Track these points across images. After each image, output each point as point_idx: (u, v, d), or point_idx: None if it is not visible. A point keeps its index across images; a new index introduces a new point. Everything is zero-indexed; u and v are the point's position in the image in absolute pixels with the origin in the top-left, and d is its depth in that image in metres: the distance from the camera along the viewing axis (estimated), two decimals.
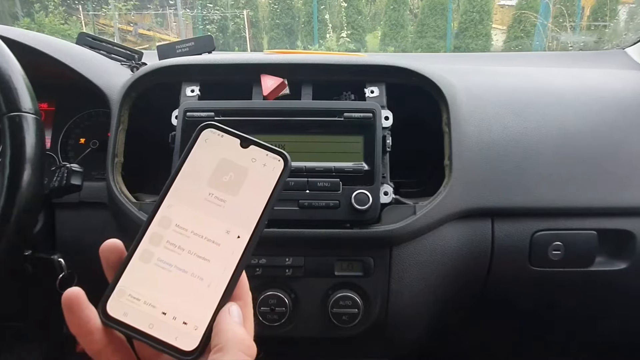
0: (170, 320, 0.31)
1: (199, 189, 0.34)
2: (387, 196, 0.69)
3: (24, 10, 6.84)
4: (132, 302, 0.32)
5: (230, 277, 0.32)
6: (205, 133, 0.35)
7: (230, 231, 0.33)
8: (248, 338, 0.31)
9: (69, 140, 0.89)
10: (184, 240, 0.33)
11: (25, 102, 0.57)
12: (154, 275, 0.32)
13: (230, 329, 0.30)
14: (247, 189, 0.34)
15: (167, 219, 0.33)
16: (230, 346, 0.30)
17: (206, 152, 0.35)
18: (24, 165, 0.54)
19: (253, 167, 0.34)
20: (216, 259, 0.33)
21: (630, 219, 0.74)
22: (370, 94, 0.74)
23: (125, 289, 0.32)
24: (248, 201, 0.34)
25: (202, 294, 0.32)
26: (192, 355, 0.31)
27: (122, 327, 0.31)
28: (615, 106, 0.80)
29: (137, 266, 0.32)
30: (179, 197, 0.34)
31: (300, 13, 6.97)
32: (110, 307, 0.32)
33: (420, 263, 0.71)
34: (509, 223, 0.73)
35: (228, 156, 0.35)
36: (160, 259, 0.32)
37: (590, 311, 0.82)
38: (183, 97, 0.74)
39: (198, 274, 0.32)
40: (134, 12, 7.31)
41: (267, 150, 0.35)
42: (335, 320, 0.69)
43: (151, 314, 0.31)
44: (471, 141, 0.73)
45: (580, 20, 5.75)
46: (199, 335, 0.31)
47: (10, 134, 0.55)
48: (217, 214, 0.33)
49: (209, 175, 0.34)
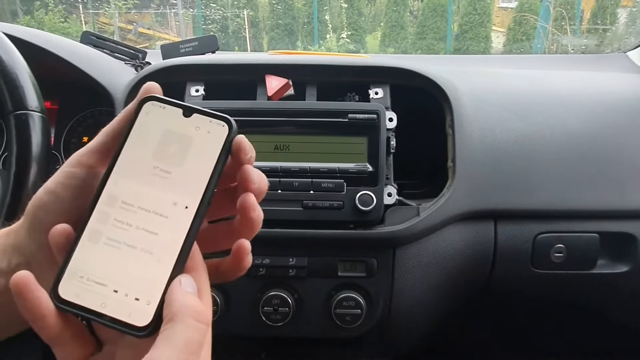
0: (122, 298, 0.31)
1: (143, 163, 0.33)
2: (391, 197, 0.70)
3: (24, 8, 6.82)
4: (83, 282, 0.31)
5: (180, 249, 0.31)
6: (147, 106, 0.34)
7: (177, 202, 0.32)
8: (200, 305, 0.30)
9: (72, 138, 0.89)
10: (131, 216, 0.32)
11: (32, 101, 0.57)
12: (103, 254, 0.32)
13: (180, 298, 0.30)
14: (193, 158, 0.33)
15: (112, 196, 0.32)
16: (181, 314, 0.29)
17: (148, 125, 0.34)
18: (30, 163, 0.55)
19: (197, 135, 0.33)
20: (165, 231, 0.32)
21: (632, 222, 0.75)
22: (374, 95, 0.74)
23: (75, 270, 0.31)
24: (194, 170, 0.33)
25: (152, 268, 0.31)
26: (146, 331, 0.30)
27: (74, 308, 0.31)
28: (618, 109, 0.81)
29: (86, 247, 0.32)
30: (124, 173, 0.33)
31: (301, 13, 6.97)
32: (61, 289, 0.31)
33: (424, 264, 0.71)
34: (511, 225, 0.74)
35: (171, 127, 0.34)
36: (109, 237, 0.32)
37: (592, 314, 0.82)
38: (187, 97, 0.74)
39: (147, 249, 0.32)
40: (134, 10, 7.30)
41: (210, 117, 0.34)
42: (338, 320, 0.69)
43: (103, 293, 0.31)
44: (474, 143, 0.74)
45: (581, 24, 5.77)
46: (152, 310, 0.30)
47: (17, 132, 0.55)
48: (163, 187, 0.33)
49: (153, 148, 0.33)
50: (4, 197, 0.54)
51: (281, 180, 0.67)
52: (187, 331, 0.28)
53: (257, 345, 0.78)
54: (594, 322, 0.84)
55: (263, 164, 0.67)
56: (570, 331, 0.87)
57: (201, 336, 0.29)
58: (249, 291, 0.70)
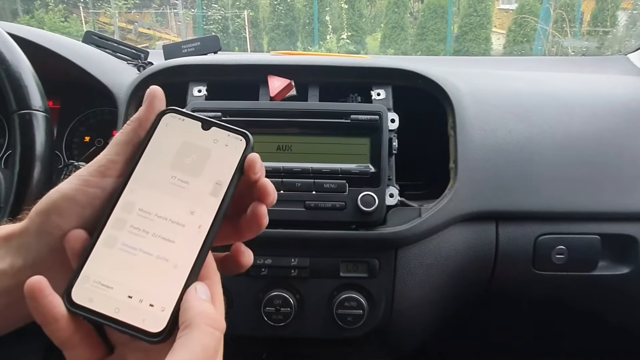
0: (137, 303, 0.31)
1: (161, 173, 0.34)
2: (393, 198, 0.70)
3: (24, 8, 6.82)
4: (97, 287, 0.31)
5: (196, 257, 0.32)
6: (166, 118, 0.35)
7: (194, 212, 0.33)
8: (216, 313, 0.31)
9: (74, 138, 0.89)
10: (148, 223, 0.33)
11: (36, 100, 0.57)
12: (118, 259, 0.32)
13: (197, 306, 0.30)
14: (211, 169, 0.34)
15: (130, 203, 0.33)
16: (197, 322, 0.29)
17: (168, 136, 0.35)
18: (34, 163, 0.55)
19: (215, 148, 0.34)
20: (181, 240, 0.32)
21: (633, 224, 0.75)
22: (376, 96, 0.74)
23: (89, 275, 0.32)
24: (211, 181, 0.34)
25: (168, 275, 0.32)
26: (160, 337, 0.30)
27: (88, 313, 0.31)
28: (619, 111, 0.81)
29: (101, 252, 0.32)
30: (142, 181, 0.33)
31: (301, 14, 6.97)
32: (75, 293, 0.31)
33: (425, 265, 0.71)
34: (513, 226, 0.74)
35: (190, 139, 0.35)
36: (125, 243, 0.32)
37: (594, 315, 0.82)
38: (190, 97, 0.74)
39: (163, 256, 0.32)
40: (134, 10, 7.30)
41: (229, 131, 0.35)
42: (340, 321, 0.69)
43: (117, 298, 0.31)
44: (476, 145, 0.74)
45: (581, 26, 5.77)
46: (166, 316, 0.31)
47: (21, 131, 0.55)
48: (181, 196, 0.33)
49: (171, 158, 0.34)
50: (7, 196, 0.54)
51: (283, 181, 0.68)
52: (203, 338, 0.29)
53: (259, 345, 0.78)
54: (595, 323, 0.84)
55: (265, 164, 0.66)
56: (571, 332, 0.88)
57: (217, 343, 0.30)
58: (251, 291, 0.70)
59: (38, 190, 0.55)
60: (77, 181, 0.33)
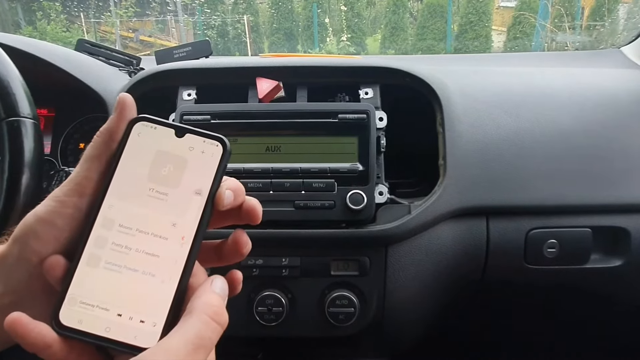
0: (127, 321, 0.31)
1: (138, 186, 0.33)
2: (382, 196, 0.70)
3: (26, 19, 6.88)
4: (85, 308, 0.31)
5: (182, 269, 0.32)
6: (138, 127, 0.33)
7: (176, 224, 0.33)
8: (221, 306, 0.31)
9: (69, 145, 0.90)
10: (130, 239, 0.32)
11: (24, 108, 0.58)
12: (103, 278, 0.31)
13: (204, 295, 0.30)
14: (189, 178, 0.33)
15: (109, 220, 0.32)
16: (198, 310, 0.30)
17: (141, 146, 0.33)
18: (23, 169, 0.55)
19: (191, 156, 0.34)
20: (166, 253, 0.32)
21: (624, 216, 0.75)
22: (364, 95, 0.75)
23: (76, 296, 0.31)
24: (190, 191, 0.33)
25: (156, 290, 0.31)
26: None
27: (78, 334, 0.31)
28: (609, 104, 0.81)
29: (85, 271, 0.31)
30: (119, 196, 0.33)
31: (301, 17, 6.99)
32: (63, 316, 0.31)
33: (416, 262, 0.71)
34: (503, 221, 0.74)
35: (164, 147, 0.33)
36: (109, 262, 0.32)
37: (586, 308, 0.82)
38: (180, 101, 0.75)
39: (149, 271, 0.32)
40: (135, 18, 7.34)
41: (204, 137, 0.34)
42: (331, 319, 0.69)
43: (106, 318, 0.31)
44: (465, 141, 0.74)
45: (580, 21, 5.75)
46: (158, 331, 0.31)
47: (9, 138, 0.56)
48: (161, 208, 0.33)
49: (147, 170, 0.33)
50: None
51: (273, 181, 0.68)
52: (200, 326, 0.29)
53: (255, 346, 0.79)
54: (588, 316, 0.84)
55: (254, 166, 0.68)
56: (564, 326, 0.87)
57: (213, 334, 0.30)
58: (242, 292, 0.68)
59: (27, 196, 0.55)
60: (53, 203, 0.33)
